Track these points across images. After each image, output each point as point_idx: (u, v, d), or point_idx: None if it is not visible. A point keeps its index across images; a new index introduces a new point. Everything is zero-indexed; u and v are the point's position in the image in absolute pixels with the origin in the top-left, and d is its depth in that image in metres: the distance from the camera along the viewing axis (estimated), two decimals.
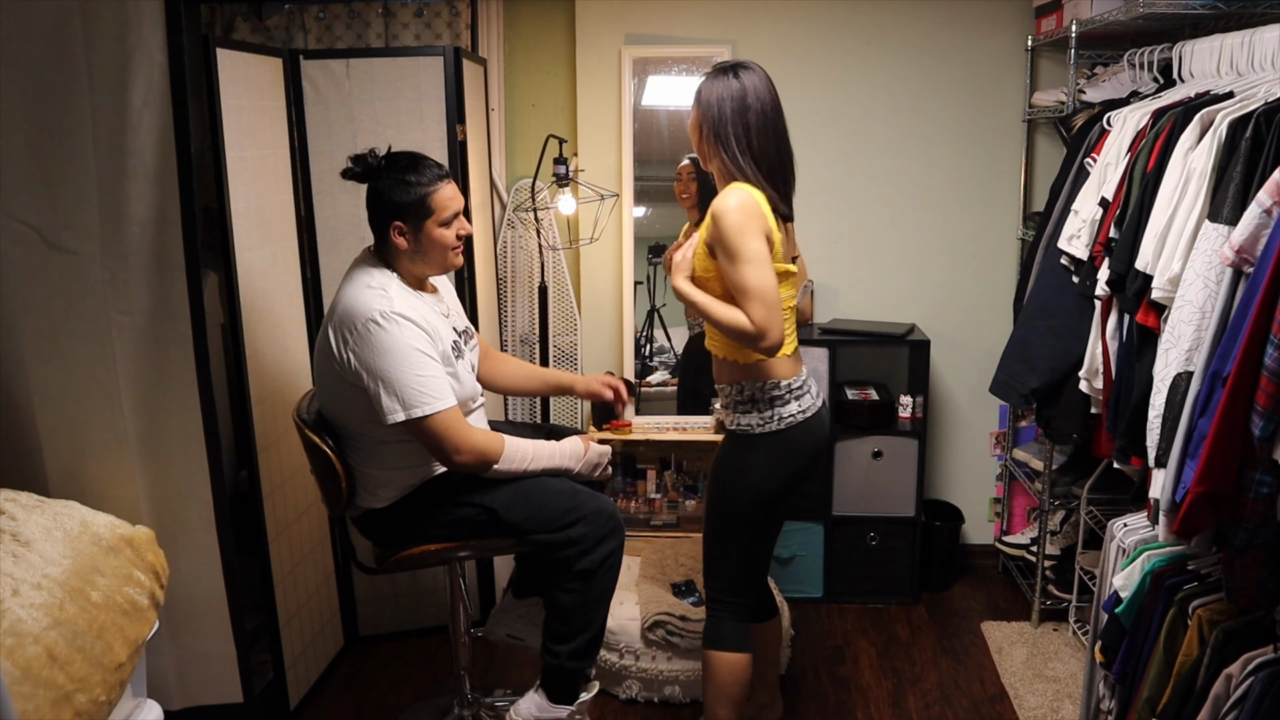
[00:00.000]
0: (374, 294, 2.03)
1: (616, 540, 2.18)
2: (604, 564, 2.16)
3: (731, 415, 2.14)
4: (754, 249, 1.93)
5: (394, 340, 1.99)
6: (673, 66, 3.36)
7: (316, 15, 3.18)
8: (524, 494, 2.15)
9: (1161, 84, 2.59)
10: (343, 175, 2.12)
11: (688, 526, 3.37)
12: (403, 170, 2.06)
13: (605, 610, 2.22)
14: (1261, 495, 1.57)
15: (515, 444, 2.14)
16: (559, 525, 2.13)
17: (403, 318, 2.00)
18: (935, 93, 3.32)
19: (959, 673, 2.90)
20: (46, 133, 2.13)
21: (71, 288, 2.19)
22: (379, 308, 2.00)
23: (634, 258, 3.40)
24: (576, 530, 2.13)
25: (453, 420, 2.03)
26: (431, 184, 2.06)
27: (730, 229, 1.93)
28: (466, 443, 2.04)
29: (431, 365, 2.03)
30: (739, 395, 2.12)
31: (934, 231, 3.40)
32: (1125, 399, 2.06)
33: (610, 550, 2.16)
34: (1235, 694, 1.67)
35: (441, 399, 2.02)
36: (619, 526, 2.19)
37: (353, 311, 2.02)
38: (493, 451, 2.08)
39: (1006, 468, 3.45)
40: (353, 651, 3.01)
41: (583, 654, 2.21)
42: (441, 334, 2.11)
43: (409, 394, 1.99)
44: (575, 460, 2.23)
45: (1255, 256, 1.57)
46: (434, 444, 2.04)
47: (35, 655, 1.68)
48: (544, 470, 2.18)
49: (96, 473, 2.27)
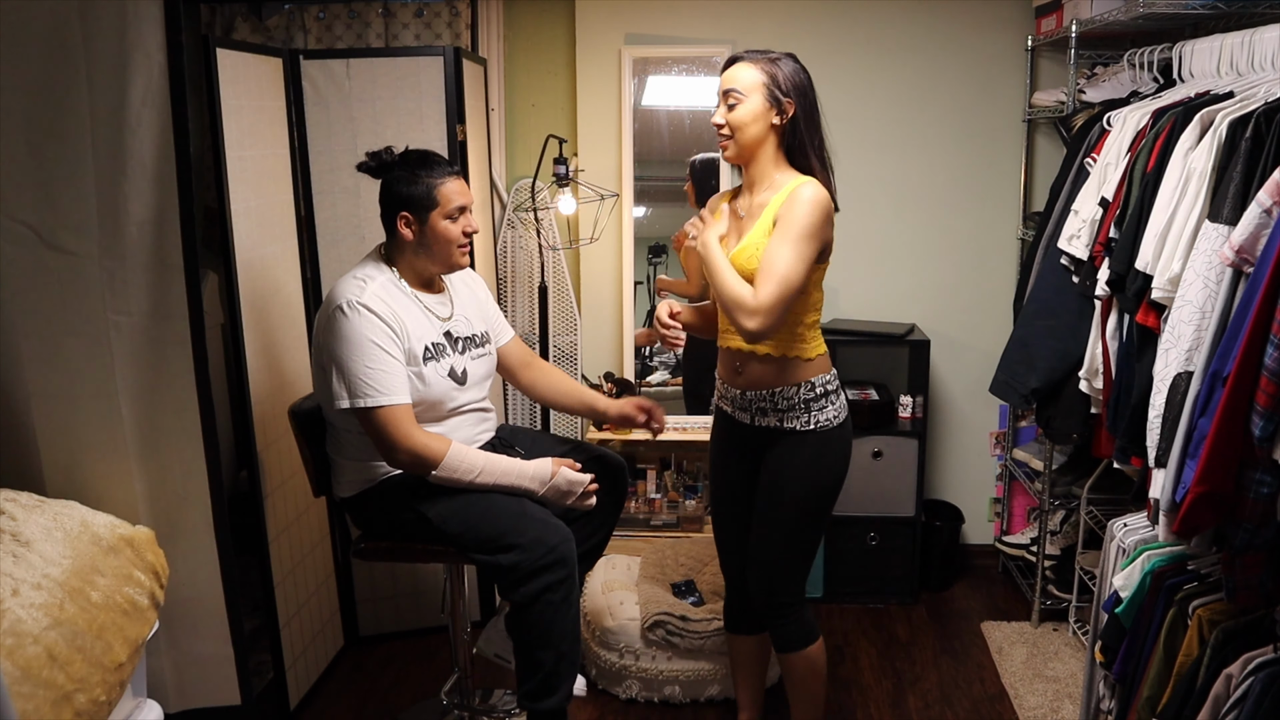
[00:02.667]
0: (354, 284, 2.10)
1: (555, 576, 2.05)
2: (538, 600, 2.05)
3: (804, 415, 2.07)
4: (807, 248, 1.95)
5: (352, 329, 2.03)
6: (673, 66, 3.36)
7: (316, 15, 3.18)
8: (465, 507, 2.10)
9: (1161, 84, 2.59)
10: (358, 168, 2.17)
11: (688, 526, 3.37)
12: (413, 165, 2.12)
13: (556, 649, 2.09)
14: (1261, 495, 1.56)
15: (461, 453, 2.10)
16: (492, 548, 2.07)
17: (366, 309, 2.05)
18: (935, 93, 3.32)
19: (959, 673, 2.90)
20: (45, 133, 2.13)
21: (70, 288, 2.19)
22: (349, 296, 2.06)
23: (634, 258, 3.40)
24: (507, 557, 2.05)
25: (396, 417, 2.04)
26: (440, 177, 2.11)
27: (803, 217, 1.94)
28: (405, 441, 2.05)
29: (385, 359, 2.04)
30: (810, 393, 2.08)
31: (934, 231, 3.40)
32: (1125, 399, 2.06)
33: (545, 586, 2.04)
34: (1235, 694, 1.67)
35: (388, 394, 2.03)
36: (561, 562, 2.06)
37: (330, 298, 2.10)
38: (433, 455, 2.06)
39: (1006, 468, 3.45)
40: (353, 651, 3.01)
41: (535, 694, 2.11)
42: (414, 333, 2.11)
43: (355, 383, 2.03)
44: (538, 484, 2.15)
45: (1255, 256, 1.56)
46: (376, 437, 2.07)
47: (35, 655, 1.68)
48: (495, 485, 2.12)
49: (95, 473, 2.27)
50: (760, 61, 2.01)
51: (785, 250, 1.93)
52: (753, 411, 2.12)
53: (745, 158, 2.06)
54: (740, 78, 2.01)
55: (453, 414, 2.22)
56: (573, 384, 2.48)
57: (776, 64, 2.01)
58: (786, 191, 2.00)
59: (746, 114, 2.00)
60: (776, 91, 2.00)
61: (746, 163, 2.07)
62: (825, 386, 2.10)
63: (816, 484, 2.13)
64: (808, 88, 2.04)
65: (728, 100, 2.02)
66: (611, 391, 3.39)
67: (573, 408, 2.49)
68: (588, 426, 3.47)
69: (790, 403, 2.08)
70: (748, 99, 2.00)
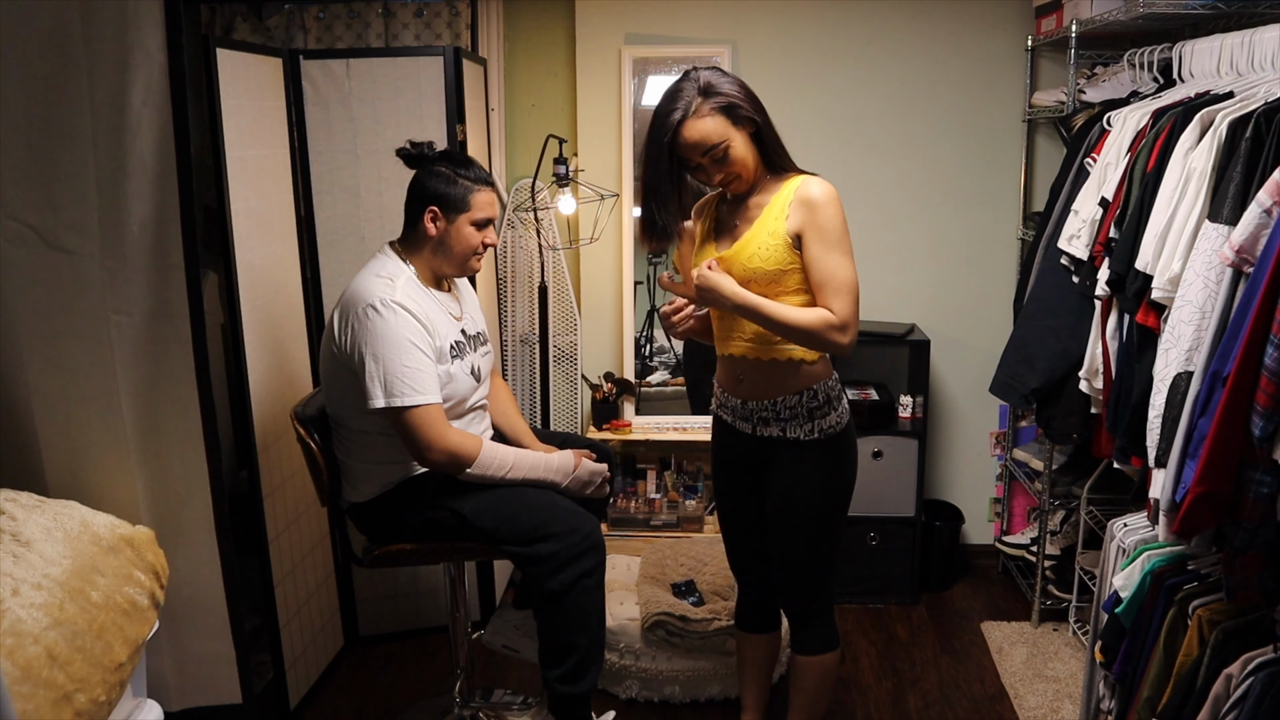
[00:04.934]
0: (380, 282, 2.08)
1: (590, 561, 2.10)
2: (575, 585, 2.09)
3: (807, 424, 2.03)
4: (848, 244, 1.94)
5: (388, 328, 2.03)
6: (673, 66, 3.36)
7: (316, 15, 3.18)
8: (497, 502, 2.12)
9: (1161, 84, 2.59)
10: (396, 153, 2.19)
11: (688, 526, 3.37)
12: (455, 164, 2.15)
13: (591, 634, 2.14)
14: (1261, 495, 1.56)
15: (493, 450, 2.13)
16: (528, 539, 2.09)
17: (401, 307, 2.04)
18: (935, 93, 3.32)
19: (959, 673, 2.90)
20: (46, 133, 2.13)
21: (70, 287, 2.19)
22: (380, 294, 2.05)
23: (634, 258, 3.40)
24: (545, 547, 2.08)
25: (431, 416, 2.04)
26: (477, 183, 2.14)
27: (835, 217, 1.92)
28: (440, 441, 2.05)
29: (420, 358, 2.05)
30: (814, 401, 2.03)
31: (934, 231, 3.40)
32: (1125, 399, 2.06)
33: (583, 572, 2.09)
34: (1235, 694, 1.67)
35: (424, 393, 2.04)
36: (595, 547, 2.11)
37: (357, 296, 2.08)
38: (467, 453, 2.08)
39: (1006, 468, 3.45)
40: (353, 651, 3.01)
41: (570, 678, 2.14)
42: (442, 331, 2.13)
43: (393, 382, 2.02)
44: (562, 475, 2.20)
45: (1255, 256, 1.56)
46: (409, 437, 2.06)
47: (35, 655, 1.68)
48: (524, 480, 2.16)
49: (96, 473, 2.27)
50: (704, 106, 1.90)
51: (836, 258, 1.93)
52: (754, 421, 2.08)
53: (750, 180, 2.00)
54: (707, 131, 1.90)
55: (469, 411, 2.23)
56: (513, 417, 2.41)
57: (712, 94, 1.90)
58: (788, 191, 1.96)
59: (738, 150, 1.94)
60: (738, 114, 1.93)
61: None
62: (827, 392, 2.06)
63: (828, 491, 2.09)
64: (746, 88, 1.96)
65: (714, 157, 1.93)
66: (611, 392, 3.39)
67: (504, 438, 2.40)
68: (587, 425, 3.47)
69: (793, 411, 2.04)
70: (728, 140, 1.92)
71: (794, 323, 1.93)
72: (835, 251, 1.92)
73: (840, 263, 1.93)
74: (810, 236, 1.93)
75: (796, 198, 1.94)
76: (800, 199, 1.94)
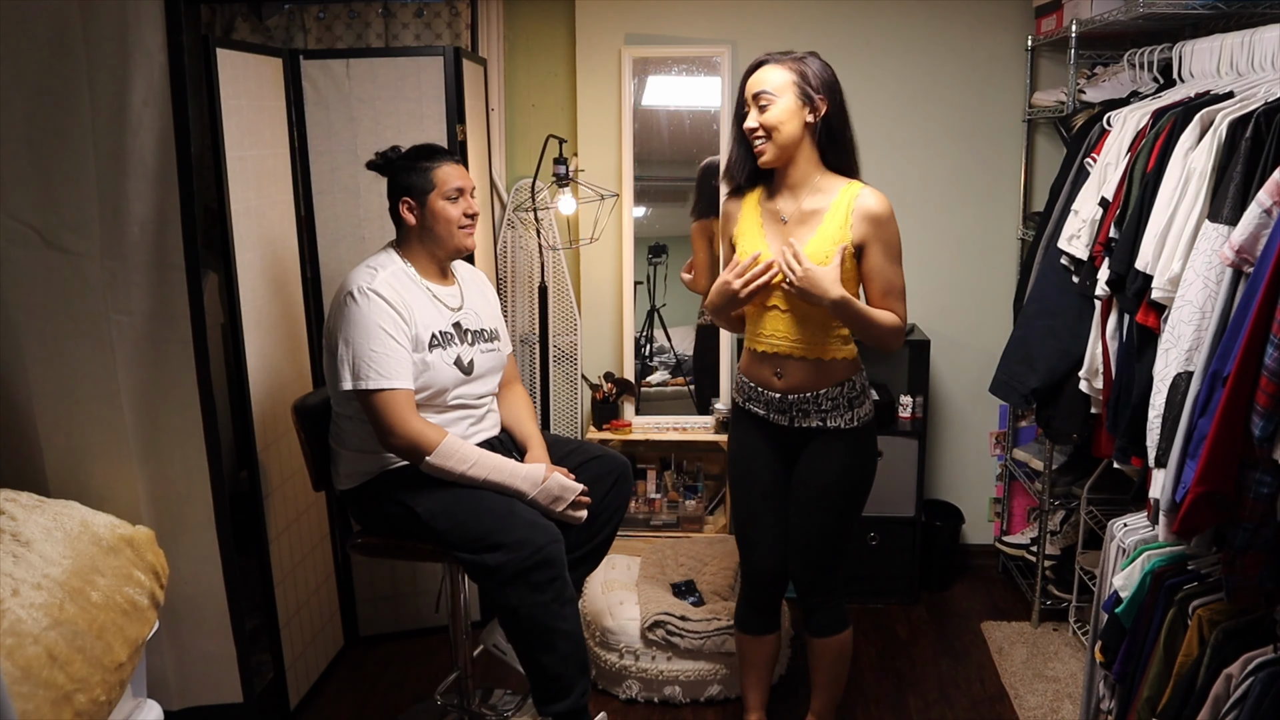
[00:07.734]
0: (366, 271, 2.16)
1: (542, 576, 2.04)
2: (531, 604, 2.04)
3: (847, 413, 2.14)
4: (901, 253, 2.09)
5: (361, 314, 2.09)
6: (672, 66, 3.36)
7: (316, 15, 3.18)
8: (454, 504, 2.10)
9: (1161, 84, 2.59)
10: (367, 166, 2.26)
11: (688, 526, 3.37)
12: (413, 156, 2.22)
13: (560, 654, 2.08)
14: (1261, 495, 1.56)
15: (456, 443, 2.12)
16: (476, 547, 2.06)
17: (376, 294, 2.11)
18: (935, 93, 3.32)
19: (959, 673, 2.90)
20: (46, 133, 2.13)
21: (71, 288, 2.19)
22: (360, 283, 2.12)
23: (634, 258, 3.40)
24: (493, 557, 2.04)
25: (396, 401, 2.08)
26: (437, 163, 2.19)
27: (896, 231, 2.07)
28: (402, 425, 2.08)
29: (390, 344, 2.09)
30: (853, 391, 2.15)
31: (934, 231, 3.40)
32: (1125, 399, 2.06)
33: (534, 587, 2.03)
34: (1235, 694, 1.67)
35: (390, 378, 2.07)
36: (547, 563, 2.03)
37: (342, 285, 2.16)
38: (426, 442, 2.09)
39: (1006, 468, 3.45)
40: (353, 651, 3.01)
41: (546, 698, 2.11)
42: (421, 320, 2.15)
43: (360, 365, 2.08)
44: (530, 485, 2.15)
45: (1255, 256, 1.56)
46: (374, 421, 2.10)
47: (35, 655, 1.68)
48: (486, 480, 2.12)
49: (96, 473, 2.27)
50: (786, 62, 2.02)
51: (897, 268, 2.09)
52: (793, 414, 2.15)
53: (783, 159, 2.06)
54: (769, 79, 2.02)
55: (457, 406, 2.23)
56: (526, 423, 2.40)
57: (803, 62, 2.03)
58: (846, 200, 2.04)
59: (781, 113, 2.01)
60: (808, 88, 2.01)
61: (784, 164, 2.07)
62: (861, 383, 2.18)
63: (862, 475, 2.22)
64: (836, 84, 2.05)
65: (759, 103, 2.02)
66: (611, 391, 3.39)
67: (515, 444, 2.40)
68: (588, 425, 3.47)
69: (834, 403, 2.13)
70: (780, 99, 2.01)
71: (882, 324, 2.07)
72: (896, 262, 2.09)
73: (899, 272, 2.10)
74: (875, 249, 2.06)
75: (859, 209, 2.04)
76: (864, 214, 2.04)
